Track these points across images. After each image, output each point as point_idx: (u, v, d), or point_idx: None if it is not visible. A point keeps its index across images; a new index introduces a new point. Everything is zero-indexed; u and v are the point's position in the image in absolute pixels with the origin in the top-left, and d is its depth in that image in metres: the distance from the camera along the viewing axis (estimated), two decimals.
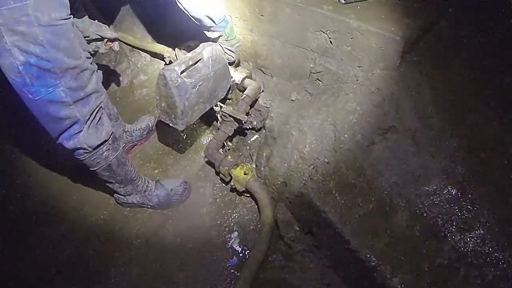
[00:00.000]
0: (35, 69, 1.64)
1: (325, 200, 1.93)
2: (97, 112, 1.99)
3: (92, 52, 2.25)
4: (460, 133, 1.90)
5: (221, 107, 2.62)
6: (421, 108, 2.00)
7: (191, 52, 2.34)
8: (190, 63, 2.24)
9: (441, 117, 1.95)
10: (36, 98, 1.71)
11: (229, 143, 2.84)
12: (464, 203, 1.70)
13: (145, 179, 2.55)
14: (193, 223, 2.54)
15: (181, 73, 2.18)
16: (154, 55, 3.48)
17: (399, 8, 2.27)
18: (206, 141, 3.05)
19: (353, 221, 1.83)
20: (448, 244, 1.63)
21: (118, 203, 2.61)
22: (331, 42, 2.28)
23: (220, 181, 2.73)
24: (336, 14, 2.17)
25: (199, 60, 2.28)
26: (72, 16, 1.74)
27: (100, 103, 2.01)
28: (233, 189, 2.56)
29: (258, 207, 2.43)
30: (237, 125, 2.65)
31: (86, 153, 2.02)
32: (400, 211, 1.79)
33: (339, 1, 2.28)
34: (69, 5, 1.70)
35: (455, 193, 1.74)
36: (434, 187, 1.78)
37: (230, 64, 2.55)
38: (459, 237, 1.63)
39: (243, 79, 2.64)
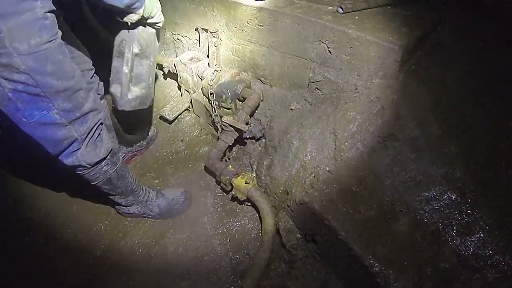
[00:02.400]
0: (24, 95, 1.62)
1: (327, 208, 1.97)
2: (95, 130, 1.99)
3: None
4: (459, 139, 1.95)
5: (221, 117, 2.67)
6: (420, 116, 2.04)
7: (120, 60, 2.16)
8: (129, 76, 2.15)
9: (440, 124, 2.00)
10: (30, 121, 1.71)
11: (229, 153, 2.89)
12: (464, 208, 1.75)
13: (146, 189, 2.58)
14: (195, 232, 2.58)
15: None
16: None
17: (397, 17, 2.34)
18: (205, 150, 3.09)
19: (355, 228, 1.87)
20: (449, 248, 1.67)
21: (119, 213, 2.64)
22: (330, 52, 2.32)
23: (220, 190, 2.77)
24: (335, 24, 2.22)
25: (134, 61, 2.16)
26: (58, 35, 1.67)
27: (99, 120, 2.00)
28: (234, 198, 2.60)
29: (259, 215, 2.46)
30: (237, 135, 2.70)
31: (86, 169, 2.03)
32: (401, 217, 1.84)
33: (337, 11, 2.34)
34: (54, 25, 1.64)
35: (455, 198, 1.79)
36: (434, 193, 1.83)
37: None
38: (459, 241, 1.67)
39: (243, 89, 2.68)
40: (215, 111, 2.79)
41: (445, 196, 1.81)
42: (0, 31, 1.42)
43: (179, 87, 3.29)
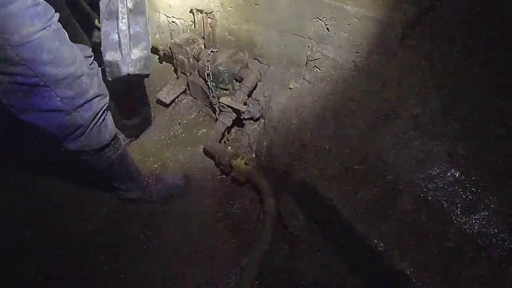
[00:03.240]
0: (25, 87, 1.61)
1: (330, 187, 1.99)
2: (101, 115, 1.93)
3: None
4: (462, 115, 1.93)
5: (219, 98, 2.66)
6: (422, 92, 2.03)
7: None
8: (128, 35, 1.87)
9: (442, 100, 1.98)
10: (34, 109, 1.70)
11: (227, 134, 2.88)
12: (468, 186, 1.74)
13: (145, 174, 2.59)
14: (196, 217, 2.59)
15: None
16: None
17: None
18: (204, 132, 3.09)
19: (359, 207, 1.88)
20: (454, 227, 1.67)
21: (119, 199, 2.64)
22: (328, 29, 2.31)
23: (220, 173, 2.77)
24: (333, 1, 2.20)
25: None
26: (53, 21, 1.58)
27: (104, 105, 1.95)
28: (234, 180, 2.61)
29: (260, 197, 2.47)
30: (236, 116, 2.70)
31: (89, 155, 2.02)
32: (405, 195, 1.83)
33: None
34: (47, 9, 1.56)
35: (458, 175, 1.78)
36: (438, 171, 1.82)
37: None
38: (464, 219, 1.67)
39: (240, 69, 2.67)
40: (212, 93, 2.78)
41: (449, 174, 1.80)
42: None
43: (175, 70, 3.26)
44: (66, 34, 1.69)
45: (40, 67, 1.57)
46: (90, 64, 2.15)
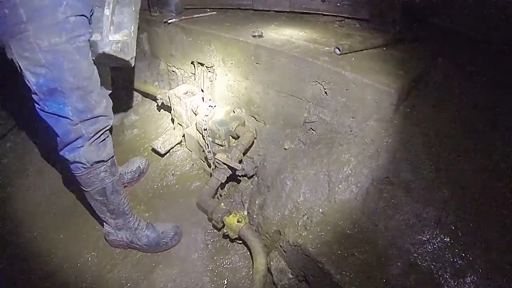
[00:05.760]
0: (45, 89, 1.93)
1: (321, 250, 2.05)
2: (102, 133, 2.24)
3: None
4: (452, 183, 2.06)
5: (214, 154, 2.78)
6: (414, 159, 2.16)
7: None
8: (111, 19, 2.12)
9: (433, 168, 2.11)
10: (49, 111, 2.01)
11: (221, 190, 2.99)
12: (457, 250, 1.83)
13: (137, 217, 2.71)
14: (185, 269, 2.63)
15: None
16: (146, 95, 3.66)
17: (392, 59, 2.50)
18: (197, 185, 3.18)
19: (350, 271, 1.93)
20: None
21: (106, 240, 2.73)
22: (326, 93, 2.45)
23: (212, 227, 2.84)
24: (332, 66, 2.36)
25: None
26: (79, 39, 1.95)
27: (107, 126, 2.25)
28: (226, 236, 2.67)
29: (251, 254, 2.53)
30: (230, 172, 2.79)
31: (84, 168, 2.23)
32: (395, 259, 1.92)
33: (334, 52, 2.49)
34: (76, 28, 1.92)
35: (448, 240, 1.88)
36: (428, 236, 1.92)
37: None
38: (453, 283, 1.76)
39: (237, 126, 2.80)
40: (208, 147, 2.89)
41: (438, 239, 1.90)
42: (27, 29, 1.77)
43: (172, 120, 3.40)
44: (90, 53, 2.06)
45: (60, 72, 1.93)
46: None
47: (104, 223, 2.65)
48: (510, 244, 1.83)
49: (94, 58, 2.11)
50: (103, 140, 2.27)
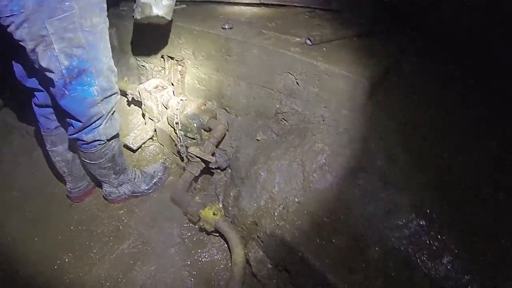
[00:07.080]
0: (76, 71, 1.99)
1: (299, 239, 2.11)
2: (113, 109, 2.39)
3: None
4: (426, 169, 2.14)
5: (187, 147, 2.80)
6: (388, 148, 2.23)
7: None
8: None
9: (407, 155, 2.19)
10: (72, 94, 2.07)
11: (195, 183, 3.01)
12: (433, 233, 1.91)
13: (132, 168, 2.92)
14: (163, 264, 2.64)
15: None
16: None
17: (363, 49, 2.56)
18: (170, 181, 3.21)
19: (329, 258, 2.00)
20: (421, 273, 1.84)
21: (108, 200, 2.93)
22: (297, 84, 2.50)
23: (187, 221, 2.86)
24: (304, 57, 2.41)
25: None
26: (107, 20, 2.08)
27: (117, 101, 2.41)
28: (202, 229, 2.71)
29: (228, 246, 2.56)
30: (204, 166, 2.82)
31: (100, 144, 2.36)
32: (373, 245, 1.99)
33: (305, 43, 2.54)
34: (106, 9, 2.03)
35: (423, 224, 1.95)
36: (404, 220, 1.99)
37: None
38: (430, 264, 1.84)
39: (209, 119, 2.83)
40: (180, 141, 2.91)
41: (415, 223, 1.97)
42: (73, 8, 1.82)
43: (143, 115, 3.40)
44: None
45: (96, 52, 2.04)
46: None
47: (103, 186, 2.89)
48: (483, 223, 1.92)
49: (139, 18, 2.40)
50: (113, 113, 2.42)
